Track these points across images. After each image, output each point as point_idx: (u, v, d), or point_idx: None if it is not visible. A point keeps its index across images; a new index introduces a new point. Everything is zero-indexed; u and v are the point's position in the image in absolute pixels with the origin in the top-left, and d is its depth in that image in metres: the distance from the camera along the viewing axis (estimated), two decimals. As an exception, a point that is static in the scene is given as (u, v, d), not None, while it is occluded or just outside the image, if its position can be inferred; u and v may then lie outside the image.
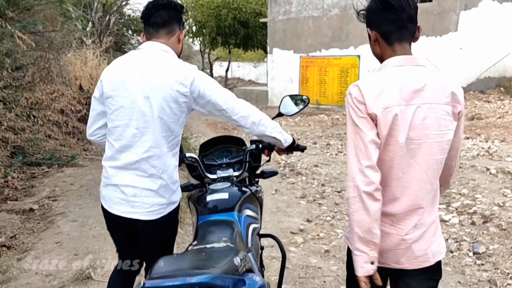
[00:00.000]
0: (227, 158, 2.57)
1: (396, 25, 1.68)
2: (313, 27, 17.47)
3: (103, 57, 14.55)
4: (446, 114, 1.60)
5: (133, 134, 2.00)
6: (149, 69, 2.00)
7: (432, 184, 1.66)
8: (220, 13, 23.44)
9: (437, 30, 13.42)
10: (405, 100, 1.57)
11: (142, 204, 2.03)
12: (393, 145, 1.57)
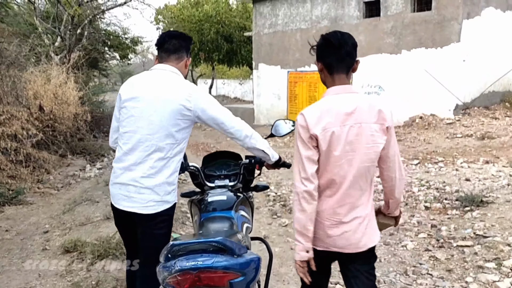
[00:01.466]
0: (225, 170, 2.94)
1: (335, 58, 2.12)
2: (301, 40, 16.29)
3: (72, 74, 13.15)
4: (374, 130, 2.08)
5: (138, 139, 2.39)
6: (160, 86, 2.43)
7: (366, 186, 2.14)
8: (202, 27, 22.30)
9: (437, 41, 12.30)
10: (340, 122, 2.05)
11: (140, 200, 2.38)
12: (332, 157, 2.06)
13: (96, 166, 10.38)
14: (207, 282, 1.83)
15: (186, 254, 1.88)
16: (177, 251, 1.89)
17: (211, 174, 2.92)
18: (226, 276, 1.85)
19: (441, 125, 11.80)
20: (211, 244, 1.89)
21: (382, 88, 13.76)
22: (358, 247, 2.14)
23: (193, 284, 1.83)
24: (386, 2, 13.42)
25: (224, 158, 3.09)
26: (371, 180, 2.16)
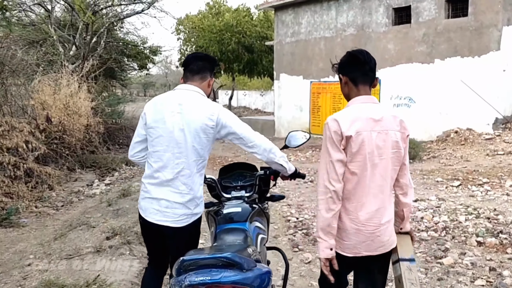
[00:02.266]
0: (241, 181, 3.01)
1: (361, 73, 2.34)
2: (325, 49, 15.48)
3: (86, 83, 12.59)
4: (398, 137, 2.23)
5: (168, 158, 2.53)
6: (184, 106, 2.54)
7: (390, 188, 2.28)
8: (222, 37, 21.65)
9: (474, 49, 11.33)
10: (370, 127, 2.18)
11: (172, 214, 2.52)
12: (360, 160, 2.16)
13: (105, 181, 9.72)
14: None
15: (196, 268, 1.94)
16: (188, 266, 1.95)
17: (228, 185, 3.00)
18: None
19: (479, 140, 10.78)
20: (220, 259, 1.93)
21: (413, 100, 12.81)
22: (386, 247, 2.28)
23: None
24: (418, 8, 12.53)
25: (240, 169, 3.15)
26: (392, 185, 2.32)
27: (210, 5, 25.01)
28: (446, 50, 11.93)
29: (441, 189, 7.15)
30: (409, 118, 12.85)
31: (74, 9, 13.06)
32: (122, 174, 10.53)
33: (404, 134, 2.27)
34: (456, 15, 11.81)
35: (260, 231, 2.78)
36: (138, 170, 11.13)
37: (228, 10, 23.69)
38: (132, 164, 11.85)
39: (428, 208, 5.96)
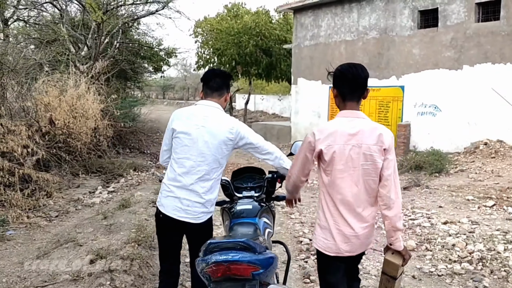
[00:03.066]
0: (250, 183, 3.45)
1: (348, 89, 2.50)
2: (345, 53, 14.77)
3: (96, 85, 12.14)
4: (373, 151, 2.41)
5: (191, 165, 2.89)
6: (207, 120, 2.91)
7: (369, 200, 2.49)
8: (240, 40, 21.07)
9: (506, 56, 10.51)
10: (343, 141, 2.42)
11: (193, 212, 2.90)
12: (333, 171, 2.44)
13: (109, 188, 9.19)
14: (234, 272, 2.29)
15: (219, 250, 2.35)
16: (213, 248, 2.37)
17: (239, 186, 3.41)
18: (249, 269, 2.31)
19: (511, 153, 9.95)
20: (238, 243, 2.36)
21: (438, 108, 12.02)
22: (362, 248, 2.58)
23: (224, 273, 2.30)
24: (445, 11, 11.75)
25: (250, 172, 3.58)
26: (374, 195, 2.51)
27: (229, 7, 24.51)
28: (475, 56, 11.12)
29: (473, 209, 6.41)
30: (435, 127, 12.07)
31: (85, 8, 12.63)
32: (129, 181, 10.00)
33: (381, 147, 2.43)
34: (487, 18, 10.99)
35: (267, 226, 3.20)
36: (146, 176, 10.61)
37: (247, 12, 23.12)
38: (141, 170, 11.35)
39: (460, 233, 5.24)
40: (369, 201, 2.50)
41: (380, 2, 13.50)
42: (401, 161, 10.26)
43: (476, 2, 11.05)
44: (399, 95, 13.12)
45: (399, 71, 13.01)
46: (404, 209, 6.67)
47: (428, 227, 5.66)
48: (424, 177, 8.89)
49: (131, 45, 17.22)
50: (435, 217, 6.04)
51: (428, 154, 9.88)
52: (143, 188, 8.97)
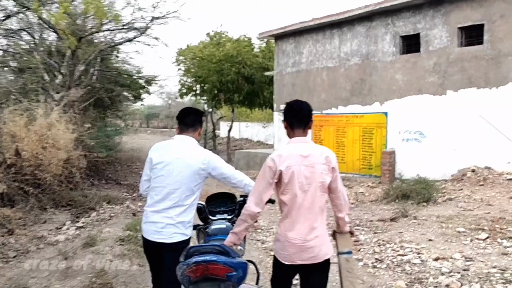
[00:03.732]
0: (223, 207, 3.87)
1: (296, 119, 2.96)
2: (327, 79, 14.53)
3: (70, 114, 11.62)
4: (323, 170, 2.85)
5: (167, 192, 3.24)
6: (182, 152, 3.29)
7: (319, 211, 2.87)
8: (222, 67, 20.81)
9: (491, 80, 10.31)
10: (298, 163, 2.83)
11: (166, 233, 3.20)
12: (292, 189, 2.82)
13: (78, 223, 8.59)
14: (212, 272, 2.68)
15: (198, 254, 2.77)
16: (193, 252, 2.81)
17: (213, 210, 3.84)
18: (224, 270, 2.68)
19: (499, 180, 9.62)
20: (215, 247, 2.81)
21: (423, 134, 11.72)
22: (319, 258, 2.84)
23: (203, 273, 2.68)
24: (427, 36, 11.59)
25: (222, 198, 3.99)
26: (323, 207, 2.92)
27: (211, 35, 24.35)
28: (459, 81, 10.91)
29: (465, 242, 5.97)
30: (420, 154, 11.75)
31: (58, 35, 12.22)
32: (101, 215, 9.41)
33: (329, 166, 2.88)
34: (471, 43, 10.83)
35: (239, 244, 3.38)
36: (120, 210, 10.03)
37: (229, 40, 22.96)
38: (115, 202, 10.76)
39: (454, 271, 4.78)
40: (320, 213, 2.90)
41: (361, 28, 13.35)
42: (387, 190, 9.85)
43: (459, 26, 10.90)
44: (382, 122, 12.83)
45: (382, 97, 12.75)
46: (392, 243, 6.21)
47: (419, 264, 5.20)
48: (412, 207, 8.47)
49: (110, 73, 16.78)
50: (426, 252, 5.59)
51: (414, 182, 9.49)
52: (114, 223, 8.39)
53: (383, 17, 12.65)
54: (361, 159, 13.57)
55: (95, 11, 10.96)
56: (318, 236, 2.83)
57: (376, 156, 13.10)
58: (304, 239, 2.81)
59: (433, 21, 11.44)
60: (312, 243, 2.81)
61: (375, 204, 9.56)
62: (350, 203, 10.16)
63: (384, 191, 10.08)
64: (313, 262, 2.83)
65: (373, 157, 13.21)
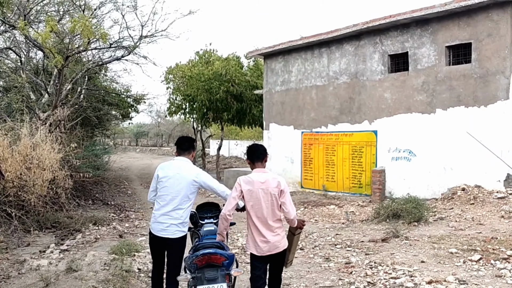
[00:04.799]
0: (209, 213, 5.02)
1: (255, 156, 4.26)
2: (316, 98, 14.53)
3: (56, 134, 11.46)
4: (275, 192, 4.08)
5: (170, 199, 4.46)
6: (181, 169, 4.52)
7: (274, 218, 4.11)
8: (211, 86, 20.76)
9: (480, 99, 10.34)
10: (257, 187, 4.07)
11: (170, 230, 4.42)
12: (252, 205, 4.09)
13: (62, 246, 8.36)
14: (213, 260, 3.89)
15: (203, 248, 4.05)
16: (200, 247, 4.14)
17: (202, 216, 5.00)
18: (222, 259, 3.92)
19: (490, 199, 9.57)
20: (214, 244, 4.17)
21: (413, 152, 11.69)
22: (277, 249, 4.17)
23: (207, 261, 3.88)
24: (415, 54, 11.65)
25: (209, 206, 5.25)
26: (279, 217, 4.19)
27: (200, 54, 24.36)
28: (448, 99, 10.93)
29: (458, 264, 5.86)
30: (410, 172, 11.70)
31: (44, 53, 12.10)
32: (86, 237, 9.18)
33: (279, 189, 4.13)
34: (458, 61, 10.89)
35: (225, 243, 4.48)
36: (106, 231, 9.81)
37: (218, 59, 22.98)
38: (101, 223, 10.53)
39: (448, 295, 4.66)
40: (274, 220, 4.15)
41: (349, 47, 13.40)
42: (378, 209, 9.74)
43: (447, 45, 10.96)
44: (372, 140, 12.80)
45: (371, 116, 12.75)
46: (384, 265, 6.09)
47: (412, 287, 5.07)
48: (403, 227, 8.37)
49: (97, 92, 16.64)
50: (418, 275, 5.47)
51: (405, 201, 9.40)
52: (99, 245, 8.17)
53: (371, 36, 12.72)
54: (351, 177, 13.50)
55: (82, 30, 10.86)
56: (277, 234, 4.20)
57: (366, 175, 13.03)
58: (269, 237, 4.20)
59: (421, 40, 11.51)
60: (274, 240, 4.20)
61: (365, 224, 9.44)
62: (341, 222, 10.04)
63: (375, 210, 9.97)
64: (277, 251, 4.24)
65: (363, 176, 13.14)
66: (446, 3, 10.50)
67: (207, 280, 3.88)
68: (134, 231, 10.01)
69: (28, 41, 12.54)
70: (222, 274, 3.93)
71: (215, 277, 3.89)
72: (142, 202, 15.24)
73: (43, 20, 14.12)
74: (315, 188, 14.62)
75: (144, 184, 20.66)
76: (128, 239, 8.83)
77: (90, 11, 12.97)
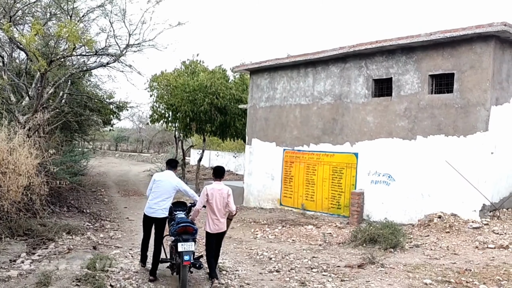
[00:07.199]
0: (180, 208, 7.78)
1: (217, 175, 7.13)
2: (300, 116, 14.61)
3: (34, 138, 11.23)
4: (225, 195, 7.01)
5: (159, 194, 7.35)
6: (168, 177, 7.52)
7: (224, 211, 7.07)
8: (195, 97, 20.72)
9: (460, 128, 10.53)
10: (216, 192, 6.96)
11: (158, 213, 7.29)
12: (211, 203, 6.94)
13: (34, 255, 8.16)
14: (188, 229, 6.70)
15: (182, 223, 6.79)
16: (180, 222, 6.87)
17: (175, 209, 7.66)
18: (192, 229, 6.73)
19: (465, 229, 9.70)
20: (189, 221, 6.98)
21: (392, 177, 11.81)
22: (222, 230, 7.06)
23: (184, 229, 6.69)
24: (399, 81, 11.82)
25: (179, 203, 7.99)
26: (225, 211, 7.03)
27: (186, 64, 24.30)
28: (429, 127, 11.10)
29: (432, 296, 5.90)
30: (388, 197, 11.80)
31: (28, 56, 11.91)
32: (59, 246, 8.98)
33: (227, 194, 6.98)
34: (441, 90, 11.09)
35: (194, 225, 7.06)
36: (80, 241, 9.62)
37: (203, 70, 22.95)
38: (75, 233, 10.32)
39: (421, 330, 4.67)
40: (223, 212, 6.96)
41: (335, 69, 13.54)
42: (355, 233, 9.78)
43: (430, 74, 11.16)
44: (352, 162, 12.90)
45: (353, 138, 12.86)
46: (359, 294, 6.09)
47: (386, 319, 5.08)
48: (379, 253, 8.41)
49: (80, 97, 16.42)
50: (393, 306, 5.47)
51: (382, 226, 9.46)
52: (72, 257, 7.99)
53: (357, 60, 12.88)
54: (330, 198, 13.55)
55: (68, 35, 10.74)
56: (223, 221, 7.05)
57: (345, 196, 13.10)
58: (218, 221, 6.96)
59: (405, 67, 11.70)
60: (220, 223, 6.98)
61: (342, 247, 9.46)
62: (318, 244, 10.04)
63: (352, 233, 10.01)
64: (221, 231, 7.06)
65: (342, 197, 13.21)
66: (432, 33, 10.70)
67: (183, 240, 6.57)
68: (108, 243, 9.83)
69: (11, 43, 12.34)
70: (192, 238, 6.69)
71: (188, 239, 6.60)
72: (119, 212, 15.03)
73: (29, 21, 13.93)
74: (294, 206, 14.63)
75: (121, 192, 20.40)
76: (102, 252, 8.67)
77: (78, 16, 12.84)
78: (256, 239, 10.98)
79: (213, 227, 6.90)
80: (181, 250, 6.45)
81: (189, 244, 6.51)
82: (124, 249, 9.08)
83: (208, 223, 6.97)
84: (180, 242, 6.52)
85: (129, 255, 8.59)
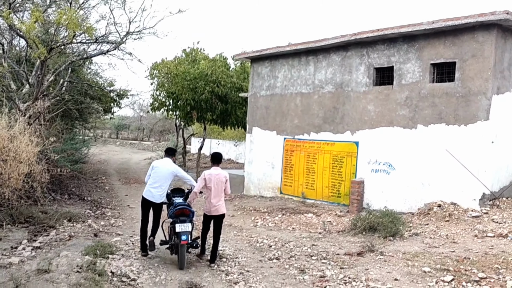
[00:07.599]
0: (178, 194, 8.30)
1: (215, 161, 7.69)
2: (301, 105, 14.58)
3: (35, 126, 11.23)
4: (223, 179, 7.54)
5: (158, 180, 7.79)
6: (166, 164, 7.94)
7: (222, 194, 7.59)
8: (196, 85, 20.63)
9: (461, 117, 10.50)
10: (213, 176, 7.48)
11: (155, 197, 7.74)
12: (209, 187, 7.45)
13: (35, 242, 8.20)
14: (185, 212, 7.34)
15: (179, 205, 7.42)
16: (178, 205, 7.46)
17: (174, 195, 8.16)
18: (189, 212, 7.38)
19: (465, 217, 9.73)
20: (185, 204, 7.58)
21: (392, 166, 11.82)
22: (220, 212, 7.48)
23: (181, 211, 7.33)
24: (401, 69, 11.77)
25: (178, 189, 8.60)
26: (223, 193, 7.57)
27: (187, 52, 24.18)
28: (430, 116, 11.08)
29: (430, 284, 5.94)
30: (388, 185, 11.82)
31: (28, 43, 11.87)
32: (61, 234, 9.04)
33: (226, 178, 7.55)
34: (442, 79, 11.04)
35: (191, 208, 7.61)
36: (81, 229, 9.67)
37: (204, 58, 22.83)
38: (76, 220, 10.37)
39: (419, 317, 4.71)
40: (221, 194, 7.49)
41: (336, 57, 13.48)
42: (355, 221, 9.82)
43: (431, 62, 11.11)
44: (353, 151, 12.90)
45: (354, 127, 12.85)
46: (358, 281, 6.15)
47: (384, 306, 5.12)
48: (379, 241, 8.45)
49: (80, 85, 16.39)
50: (391, 293, 5.52)
51: (382, 215, 9.49)
52: (73, 244, 8.05)
53: (358, 48, 12.81)
54: (330, 186, 13.58)
55: (68, 22, 10.69)
56: (222, 203, 7.52)
57: (345, 185, 13.12)
58: (217, 204, 7.42)
59: (406, 55, 11.64)
60: (219, 206, 7.44)
61: (342, 235, 9.50)
62: (318, 232, 10.07)
63: (352, 221, 10.05)
64: (220, 213, 7.47)
65: (342, 186, 13.23)
66: (433, 21, 10.63)
67: (181, 221, 7.13)
68: (109, 230, 9.89)
69: (11, 30, 12.29)
70: (189, 219, 7.23)
71: (185, 220, 7.17)
72: (119, 199, 15.08)
73: (29, 8, 13.86)
74: (294, 195, 14.67)
75: (122, 180, 20.45)
76: (103, 239, 8.73)
77: (77, 3, 12.76)
78: (256, 227, 11.03)
79: (212, 209, 7.40)
80: (179, 231, 7.03)
81: (186, 225, 7.11)
82: (125, 237, 9.14)
83: (206, 206, 7.54)
84: (177, 223, 7.10)
85: (129, 242, 8.65)
